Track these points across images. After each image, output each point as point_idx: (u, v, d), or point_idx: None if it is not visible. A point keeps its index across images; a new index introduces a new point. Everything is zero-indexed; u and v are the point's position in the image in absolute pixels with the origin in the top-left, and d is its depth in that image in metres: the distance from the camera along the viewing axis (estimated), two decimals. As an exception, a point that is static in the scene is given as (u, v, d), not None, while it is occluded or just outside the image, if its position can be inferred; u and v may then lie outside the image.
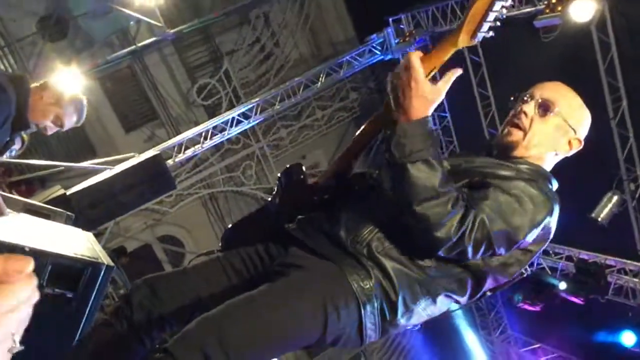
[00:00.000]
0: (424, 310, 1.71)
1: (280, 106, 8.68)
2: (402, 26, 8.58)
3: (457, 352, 11.32)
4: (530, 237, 1.67)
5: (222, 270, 1.90)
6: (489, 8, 1.47)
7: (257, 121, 8.74)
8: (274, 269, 1.79)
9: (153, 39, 8.62)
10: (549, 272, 8.29)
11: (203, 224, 10.41)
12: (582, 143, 1.86)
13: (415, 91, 1.49)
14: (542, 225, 1.67)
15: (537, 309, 8.14)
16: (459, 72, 1.54)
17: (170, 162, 8.11)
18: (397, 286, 1.65)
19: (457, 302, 1.76)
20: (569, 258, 8.08)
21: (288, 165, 1.99)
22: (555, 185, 1.82)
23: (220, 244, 2.04)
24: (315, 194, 1.93)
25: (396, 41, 8.57)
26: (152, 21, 8.24)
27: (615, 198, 6.95)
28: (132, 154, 7.87)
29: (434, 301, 1.70)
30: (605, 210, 6.93)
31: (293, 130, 10.77)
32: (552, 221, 1.73)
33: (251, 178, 10.61)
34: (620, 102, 6.78)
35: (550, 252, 8.42)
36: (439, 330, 10.51)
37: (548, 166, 1.85)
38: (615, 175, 7.04)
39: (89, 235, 2.43)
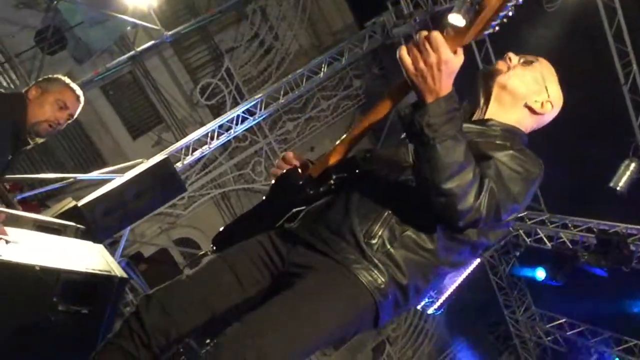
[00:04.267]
0: (432, 289, 1.78)
1: (284, 100, 8.62)
2: (401, 7, 8.44)
3: (482, 335, 11.29)
4: (526, 203, 1.74)
5: (230, 272, 1.83)
6: (500, 10, 1.45)
7: (263, 117, 8.69)
8: (288, 271, 1.77)
9: (151, 42, 8.57)
10: (570, 245, 8.19)
11: (217, 224, 10.31)
12: (554, 108, 1.90)
13: (446, 70, 1.47)
14: (533, 190, 1.73)
15: (560, 283, 8.04)
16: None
17: (179, 164, 8.09)
18: (408, 276, 1.70)
19: (457, 270, 1.84)
20: (589, 230, 7.97)
21: (284, 171, 1.90)
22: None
23: (213, 246, 1.97)
24: (312, 187, 1.86)
25: (396, 24, 8.45)
26: (149, 25, 8.18)
27: (633, 165, 6.83)
28: (140, 160, 7.86)
29: (442, 279, 1.79)
30: (623, 178, 6.81)
31: (299, 122, 10.69)
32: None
33: (261, 174, 10.56)
34: (630, 67, 6.62)
35: (569, 225, 8.32)
36: (464, 314, 10.47)
37: (520, 124, 1.87)
38: (631, 141, 6.90)
39: (100, 247, 2.38)
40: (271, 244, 1.86)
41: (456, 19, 7.46)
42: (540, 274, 8.28)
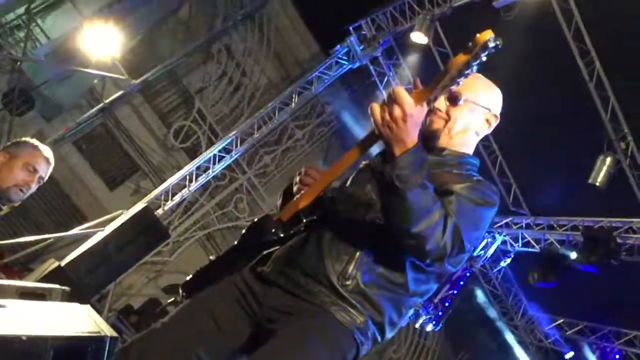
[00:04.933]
0: (404, 320, 1.90)
1: (259, 134, 8.62)
2: (363, 32, 8.56)
3: (482, 346, 11.20)
4: (486, 229, 1.86)
5: (208, 316, 1.81)
6: (466, 68, 1.52)
7: (239, 153, 8.67)
8: (267, 316, 1.78)
9: (120, 92, 8.55)
10: (558, 245, 8.23)
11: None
12: (498, 118, 2.01)
13: (411, 123, 1.56)
14: (492, 217, 1.84)
15: (553, 284, 8.06)
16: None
17: (160, 211, 8.01)
18: (383, 313, 1.79)
19: (423, 299, 1.95)
20: (574, 228, 8.03)
21: (255, 220, 1.93)
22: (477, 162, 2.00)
23: (183, 293, 1.94)
24: (282, 230, 1.89)
25: (361, 48, 8.55)
26: (116, 75, 8.17)
27: (608, 159, 6.93)
28: (120, 211, 7.75)
29: (412, 309, 1.91)
30: (601, 173, 6.90)
31: (276, 155, 10.70)
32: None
33: (244, 210, 10.50)
34: (593, 65, 6.75)
35: (555, 225, 8.37)
36: (462, 325, 10.40)
37: (471, 148, 2.00)
38: (604, 137, 7.01)
39: (87, 308, 2.31)
40: (246, 286, 1.85)
41: (418, 37, 7.62)
42: (532, 277, 8.28)
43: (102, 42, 7.58)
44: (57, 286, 2.91)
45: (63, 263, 6.33)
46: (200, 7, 9.26)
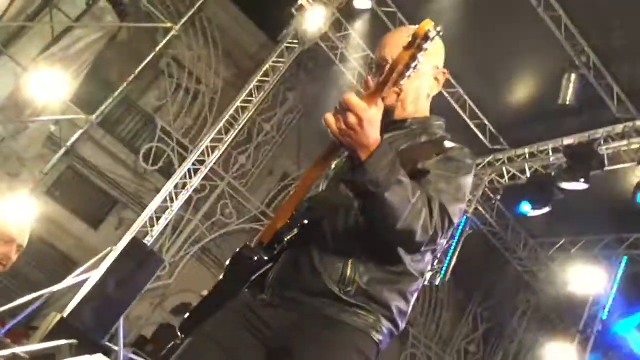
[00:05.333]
0: (411, 306, 1.86)
1: (228, 137, 8.51)
2: (306, 11, 8.44)
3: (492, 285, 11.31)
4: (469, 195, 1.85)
5: (217, 349, 1.75)
6: (412, 61, 1.51)
7: (213, 161, 8.56)
8: (280, 335, 1.74)
9: (80, 131, 8.36)
10: (543, 171, 8.31)
11: (207, 279, 10.21)
12: (446, 72, 1.98)
13: (368, 126, 1.52)
14: (472, 181, 1.83)
15: (548, 209, 8.13)
16: None
17: (149, 238, 7.91)
18: (391, 306, 1.77)
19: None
20: (555, 150, 8.10)
21: (237, 250, 1.87)
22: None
23: (181, 335, 1.86)
24: (265, 253, 1.82)
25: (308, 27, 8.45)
26: (71, 116, 8.01)
27: (573, 76, 6.98)
28: (109, 248, 7.66)
29: (417, 291, 1.85)
30: (569, 91, 6.95)
31: (250, 153, 10.62)
32: None
33: (232, 215, 10.44)
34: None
35: (536, 152, 8.44)
36: (469, 272, 10.48)
37: (427, 110, 2.00)
38: (564, 56, 7.05)
39: (99, 357, 2.27)
40: (251, 311, 1.80)
41: (361, 3, 7.56)
42: (526, 207, 8.35)
43: (49, 87, 7.43)
44: (64, 342, 2.87)
45: (66, 314, 6.27)
46: (137, 27, 9.07)
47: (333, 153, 1.71)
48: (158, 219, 8.11)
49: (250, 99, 8.63)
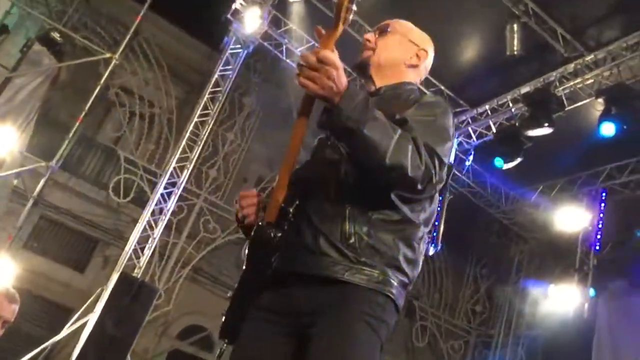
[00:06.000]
0: (421, 255, 1.86)
1: (193, 154, 8.46)
2: (242, 14, 8.39)
3: (484, 243, 11.40)
4: (454, 135, 1.86)
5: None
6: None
7: (184, 181, 8.50)
8: (300, 323, 1.76)
9: (43, 179, 8.22)
10: (507, 123, 8.41)
11: (204, 297, 10.17)
12: (429, 54, 2.08)
13: (332, 71, 1.60)
14: (451, 120, 1.86)
15: (520, 159, 8.22)
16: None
17: (137, 270, 7.85)
18: (396, 255, 1.76)
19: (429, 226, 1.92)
20: (515, 101, 8.21)
21: (251, 235, 1.85)
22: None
23: (225, 341, 1.88)
24: (276, 231, 1.81)
25: (247, 30, 8.40)
26: (31, 166, 7.88)
27: (515, 26, 7.05)
28: (100, 289, 7.59)
29: (422, 238, 1.85)
30: (514, 41, 7.02)
31: (219, 165, 10.55)
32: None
33: (216, 230, 10.38)
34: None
35: (496, 107, 8.53)
36: (458, 234, 10.58)
37: (407, 77, 2.04)
38: (504, 8, 7.11)
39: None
40: (269, 312, 1.81)
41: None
42: (499, 162, 8.44)
43: (1, 143, 7.30)
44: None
45: (70, 365, 6.19)
46: (77, 64, 8.92)
47: (309, 106, 1.76)
48: (142, 249, 8.05)
49: (207, 112, 8.58)
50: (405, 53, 2.04)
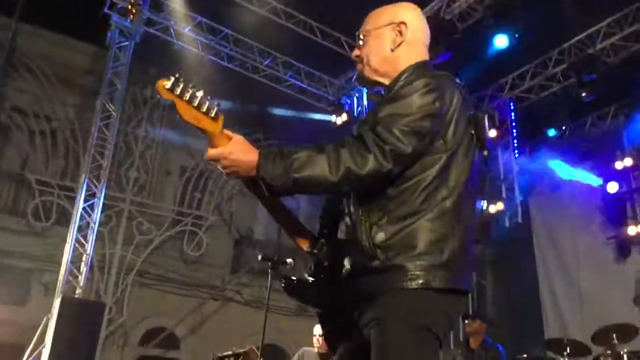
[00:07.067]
0: (457, 227, 1.80)
1: (105, 161, 8.14)
2: (120, 5, 8.03)
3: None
4: (445, 100, 1.83)
5: None
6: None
7: (103, 189, 8.19)
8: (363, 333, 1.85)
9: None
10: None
11: (156, 298, 10.03)
12: (408, 20, 2.01)
13: (237, 155, 1.75)
14: (443, 87, 1.83)
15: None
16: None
17: (78, 290, 7.57)
18: (418, 245, 1.75)
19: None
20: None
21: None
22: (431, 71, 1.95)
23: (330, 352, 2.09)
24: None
25: (129, 20, 8.05)
26: None
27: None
28: (45, 318, 7.32)
29: (445, 212, 1.79)
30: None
31: (137, 164, 10.25)
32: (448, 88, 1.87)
33: (150, 230, 10.16)
34: None
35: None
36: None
37: (402, 63, 1.98)
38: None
39: None
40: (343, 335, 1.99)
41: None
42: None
43: None
44: None
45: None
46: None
47: (252, 184, 1.85)
48: (78, 268, 7.77)
49: (108, 113, 8.24)
50: (386, 42, 2.00)
